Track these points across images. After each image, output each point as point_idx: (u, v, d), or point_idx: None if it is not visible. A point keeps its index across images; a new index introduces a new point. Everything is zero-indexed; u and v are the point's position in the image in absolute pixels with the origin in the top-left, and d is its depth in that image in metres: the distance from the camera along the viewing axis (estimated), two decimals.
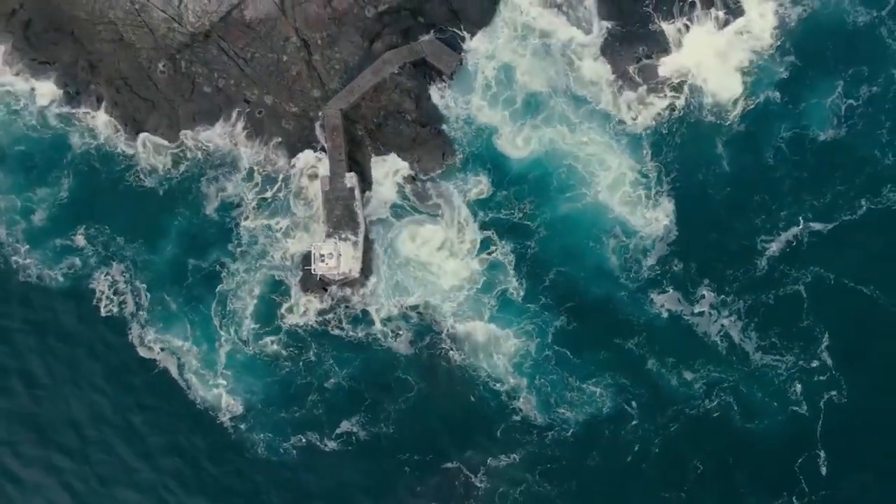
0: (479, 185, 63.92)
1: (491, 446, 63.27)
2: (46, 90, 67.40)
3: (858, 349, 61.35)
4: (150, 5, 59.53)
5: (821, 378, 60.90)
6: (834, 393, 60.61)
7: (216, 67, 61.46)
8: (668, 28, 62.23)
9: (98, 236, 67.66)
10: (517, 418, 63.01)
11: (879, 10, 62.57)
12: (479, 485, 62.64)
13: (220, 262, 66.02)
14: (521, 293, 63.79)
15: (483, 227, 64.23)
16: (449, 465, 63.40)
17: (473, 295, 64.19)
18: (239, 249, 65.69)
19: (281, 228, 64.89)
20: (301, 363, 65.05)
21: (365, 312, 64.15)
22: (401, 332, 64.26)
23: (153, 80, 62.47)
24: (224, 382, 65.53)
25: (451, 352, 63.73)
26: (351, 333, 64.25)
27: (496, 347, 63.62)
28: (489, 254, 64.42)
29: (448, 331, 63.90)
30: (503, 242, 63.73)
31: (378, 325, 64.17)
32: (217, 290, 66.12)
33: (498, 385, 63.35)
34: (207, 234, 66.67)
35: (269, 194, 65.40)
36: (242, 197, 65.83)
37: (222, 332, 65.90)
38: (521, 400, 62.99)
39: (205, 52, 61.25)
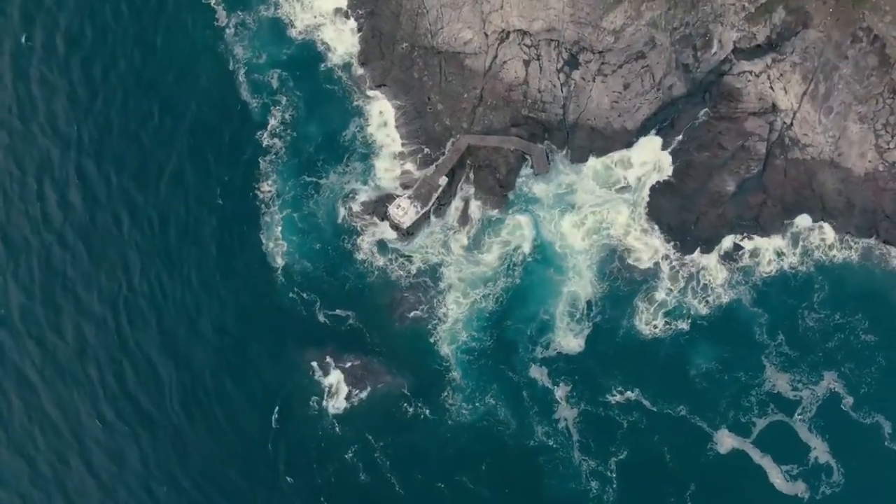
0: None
1: (423, 397, 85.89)
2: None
3: (640, 476, 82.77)
4: (425, 14, 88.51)
5: (606, 481, 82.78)
6: (609, 492, 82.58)
7: (429, 69, 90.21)
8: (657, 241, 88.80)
9: (288, 90, 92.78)
10: (448, 392, 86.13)
11: (773, 339, 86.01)
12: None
13: (326, 167, 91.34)
14: (492, 309, 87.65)
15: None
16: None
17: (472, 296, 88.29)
18: (342, 168, 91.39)
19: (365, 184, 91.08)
20: (335, 257, 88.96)
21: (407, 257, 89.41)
22: (420, 284, 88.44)
23: (393, 48, 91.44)
24: (280, 241, 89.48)
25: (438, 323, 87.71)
26: (381, 263, 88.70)
27: (452, 337, 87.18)
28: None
29: (442, 309, 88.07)
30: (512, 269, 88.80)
31: (411, 266, 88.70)
32: (312, 179, 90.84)
33: (442, 366, 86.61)
34: (333, 146, 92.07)
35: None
36: (374, 142, 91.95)
37: (292, 207, 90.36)
38: (452, 384, 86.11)
39: (430, 58, 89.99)
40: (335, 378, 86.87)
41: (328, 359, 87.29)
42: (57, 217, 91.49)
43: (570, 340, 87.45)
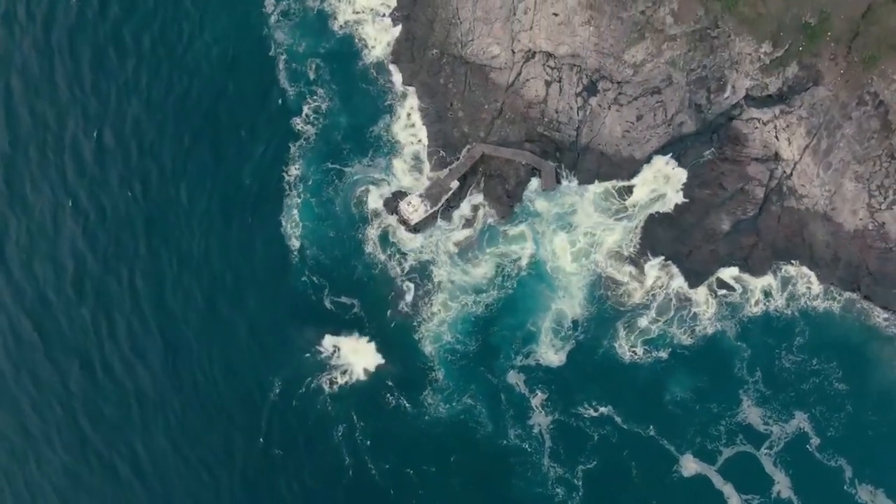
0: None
1: (406, 390, 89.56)
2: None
3: (604, 488, 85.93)
4: (458, 25, 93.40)
5: (572, 488, 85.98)
6: (574, 498, 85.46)
7: (455, 77, 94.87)
8: (650, 269, 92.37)
9: (324, 80, 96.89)
10: (429, 390, 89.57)
11: (751, 375, 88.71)
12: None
13: (351, 158, 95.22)
14: (480, 314, 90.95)
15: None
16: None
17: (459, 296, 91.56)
18: (365, 161, 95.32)
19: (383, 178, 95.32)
20: (347, 245, 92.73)
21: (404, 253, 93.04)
22: (415, 283, 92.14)
23: (424, 53, 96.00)
24: (298, 224, 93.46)
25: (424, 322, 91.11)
26: (384, 258, 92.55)
27: (436, 336, 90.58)
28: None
29: (431, 309, 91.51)
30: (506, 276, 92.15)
31: (407, 262, 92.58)
32: (336, 167, 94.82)
33: (426, 364, 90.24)
34: (360, 140, 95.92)
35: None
36: (396, 140, 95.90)
37: (312, 192, 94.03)
38: (433, 383, 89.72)
39: (458, 67, 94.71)
40: (332, 360, 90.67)
41: (327, 341, 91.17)
42: (75, 179, 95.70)
43: (551, 354, 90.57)
